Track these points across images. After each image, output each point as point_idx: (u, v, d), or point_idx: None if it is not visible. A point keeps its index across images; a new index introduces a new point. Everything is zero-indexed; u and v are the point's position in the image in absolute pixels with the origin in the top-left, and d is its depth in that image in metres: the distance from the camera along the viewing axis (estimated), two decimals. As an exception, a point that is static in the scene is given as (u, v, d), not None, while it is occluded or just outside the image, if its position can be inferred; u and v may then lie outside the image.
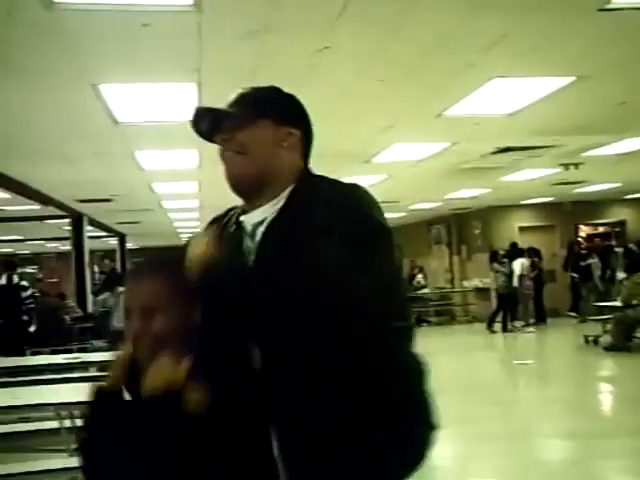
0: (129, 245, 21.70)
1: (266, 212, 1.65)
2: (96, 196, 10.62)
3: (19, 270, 19.27)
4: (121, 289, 10.67)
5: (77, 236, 12.86)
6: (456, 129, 6.82)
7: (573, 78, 5.10)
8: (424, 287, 18.10)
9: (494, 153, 8.36)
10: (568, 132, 7.12)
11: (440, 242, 19.29)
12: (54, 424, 5.12)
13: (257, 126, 1.66)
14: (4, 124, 5.87)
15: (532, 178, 11.05)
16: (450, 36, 4.12)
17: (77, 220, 12.82)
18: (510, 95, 5.51)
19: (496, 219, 16.71)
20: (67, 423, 4.95)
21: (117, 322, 10.47)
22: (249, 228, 1.69)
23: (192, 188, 10.40)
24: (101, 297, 11.38)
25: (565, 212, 16.31)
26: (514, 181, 11.27)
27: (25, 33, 3.79)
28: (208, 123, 1.70)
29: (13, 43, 3.94)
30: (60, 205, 11.50)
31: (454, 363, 11.11)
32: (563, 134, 7.23)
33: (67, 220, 12.98)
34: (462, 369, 10.97)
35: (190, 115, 1.72)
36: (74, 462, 4.74)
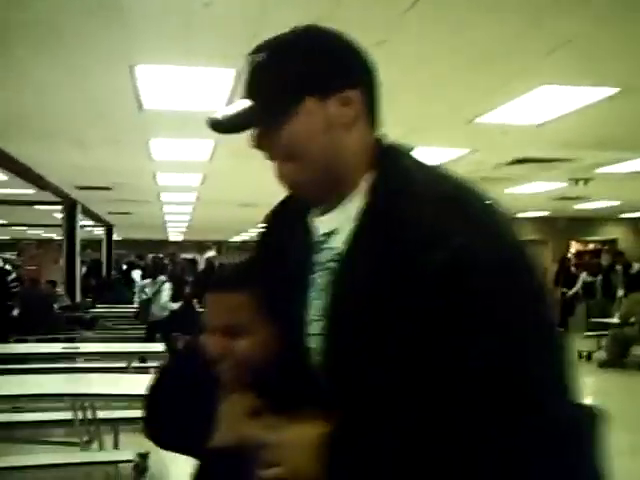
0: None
1: (338, 219, 1.17)
2: (96, 184, 10.41)
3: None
4: (162, 278, 10.49)
5: (70, 224, 12.61)
6: (482, 137, 6.73)
7: (618, 89, 5.02)
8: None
9: (510, 164, 8.29)
10: (594, 146, 7.06)
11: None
12: (66, 415, 4.98)
13: (297, 116, 1.13)
14: (23, 101, 5.67)
15: (537, 192, 11.02)
16: (512, 39, 4.01)
17: (71, 207, 12.57)
18: (551, 104, 5.41)
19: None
20: (80, 415, 4.80)
21: (156, 311, 10.33)
22: (318, 236, 1.21)
23: (195, 181, 10.23)
24: (140, 284, 11.15)
25: (560, 228, 16.37)
26: (518, 194, 11.23)
27: (77, 8, 3.63)
28: (231, 127, 1.19)
29: (63, 20, 3.78)
30: (56, 191, 11.25)
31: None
32: (588, 148, 7.18)
33: (59, 207, 12.74)
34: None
35: (209, 118, 1.18)
36: (88, 456, 4.61)
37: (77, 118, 6.22)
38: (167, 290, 10.42)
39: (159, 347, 7.28)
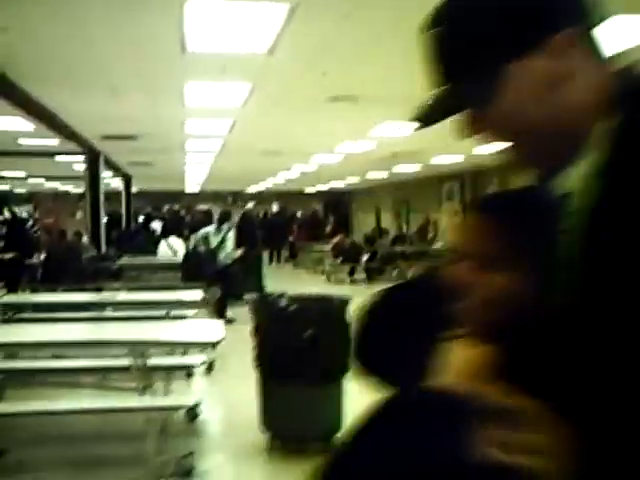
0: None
1: (574, 178, 0.98)
2: (123, 132, 10.24)
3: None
4: (226, 226, 10.49)
5: (93, 174, 12.47)
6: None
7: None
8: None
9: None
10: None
11: (452, 198, 19.07)
12: (123, 362, 4.95)
13: (504, 87, 0.96)
14: (58, 42, 5.49)
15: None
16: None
17: (94, 158, 12.43)
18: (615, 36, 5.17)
19: (516, 175, 16.46)
20: (139, 362, 4.75)
21: (222, 260, 10.35)
22: (553, 199, 1.05)
23: (224, 128, 10.04)
24: (201, 233, 11.05)
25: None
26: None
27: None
28: (435, 117, 1.02)
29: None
30: (81, 141, 11.10)
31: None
32: None
33: (82, 158, 12.61)
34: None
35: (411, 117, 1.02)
36: (142, 402, 4.58)
37: (114, 61, 6.05)
38: (232, 238, 10.43)
39: (197, 295, 7.19)
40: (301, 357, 4.70)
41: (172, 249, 12.29)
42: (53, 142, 11.46)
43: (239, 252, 10.65)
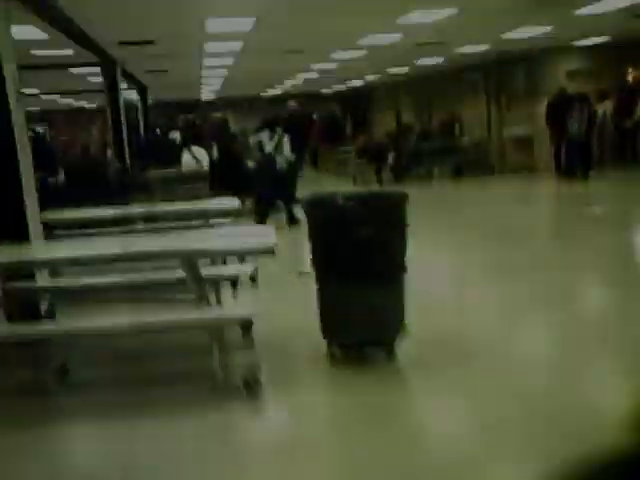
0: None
1: None
2: (140, 37, 9.77)
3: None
4: (279, 130, 10.54)
5: (111, 85, 12.04)
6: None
7: None
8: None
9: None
10: None
11: (476, 90, 18.41)
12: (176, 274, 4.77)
13: None
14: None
15: (607, 10, 10.16)
16: None
17: (110, 68, 11.97)
18: None
19: (541, 63, 15.79)
20: (193, 273, 4.56)
21: (279, 165, 10.24)
22: None
23: (245, 26, 9.51)
24: (253, 139, 10.83)
25: (616, 55, 15.27)
26: (588, 14, 10.38)
27: None
28: None
29: None
30: (97, 49, 10.63)
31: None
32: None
33: (97, 69, 12.13)
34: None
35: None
36: (206, 313, 4.42)
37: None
38: (287, 142, 10.42)
39: (233, 202, 6.94)
40: (361, 256, 4.48)
41: (196, 159, 11.98)
42: (68, 53, 11.00)
43: (294, 156, 10.64)
